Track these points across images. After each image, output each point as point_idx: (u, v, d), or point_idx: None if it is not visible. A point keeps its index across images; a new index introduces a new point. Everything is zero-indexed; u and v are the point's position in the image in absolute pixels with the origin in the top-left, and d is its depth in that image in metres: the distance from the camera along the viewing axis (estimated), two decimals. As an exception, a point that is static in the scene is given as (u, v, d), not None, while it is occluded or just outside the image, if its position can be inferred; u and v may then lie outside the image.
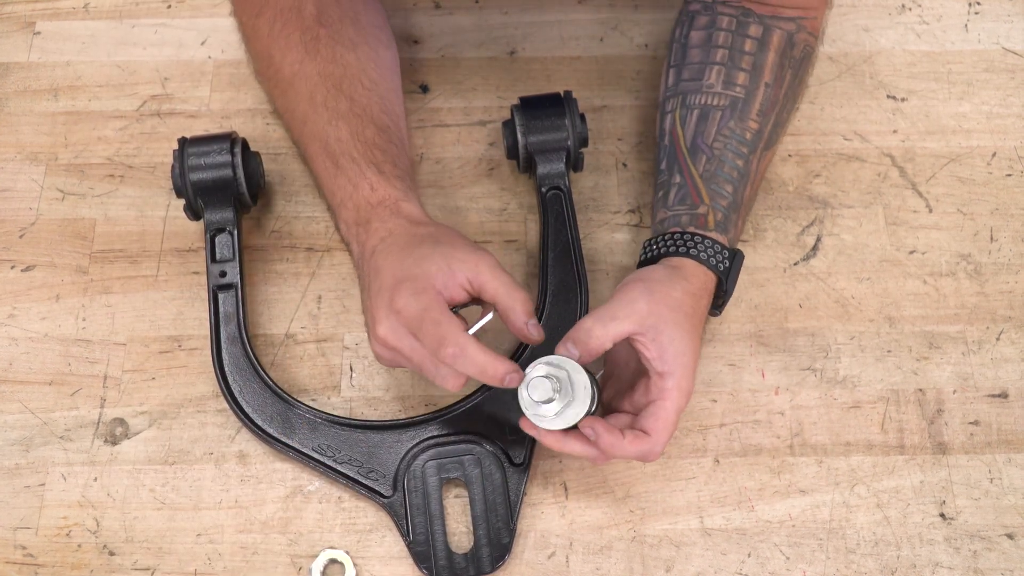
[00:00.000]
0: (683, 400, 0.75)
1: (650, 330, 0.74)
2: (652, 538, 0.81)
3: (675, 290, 0.77)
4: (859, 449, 0.84)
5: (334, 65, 0.85)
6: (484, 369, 0.72)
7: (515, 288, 0.75)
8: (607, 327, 0.74)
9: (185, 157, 0.86)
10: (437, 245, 0.76)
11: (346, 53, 0.86)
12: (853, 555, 0.80)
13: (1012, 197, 0.95)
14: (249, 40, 0.90)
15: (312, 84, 0.85)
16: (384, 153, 0.83)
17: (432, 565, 0.79)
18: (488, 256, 0.76)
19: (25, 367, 0.87)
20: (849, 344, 0.88)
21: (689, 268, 0.79)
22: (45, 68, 1.02)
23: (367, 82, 0.86)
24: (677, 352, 0.74)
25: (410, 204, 0.81)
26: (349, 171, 0.82)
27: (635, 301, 0.75)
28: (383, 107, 0.86)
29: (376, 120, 0.85)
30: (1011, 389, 0.87)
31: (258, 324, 0.89)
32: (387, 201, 0.81)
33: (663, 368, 0.74)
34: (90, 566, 0.80)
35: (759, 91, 0.84)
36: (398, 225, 0.79)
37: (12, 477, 0.83)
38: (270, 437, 0.82)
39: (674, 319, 0.75)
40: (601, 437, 0.73)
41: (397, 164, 0.83)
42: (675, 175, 0.84)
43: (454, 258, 0.75)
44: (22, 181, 0.96)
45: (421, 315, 0.72)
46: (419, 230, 0.78)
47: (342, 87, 0.85)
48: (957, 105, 1.00)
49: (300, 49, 0.86)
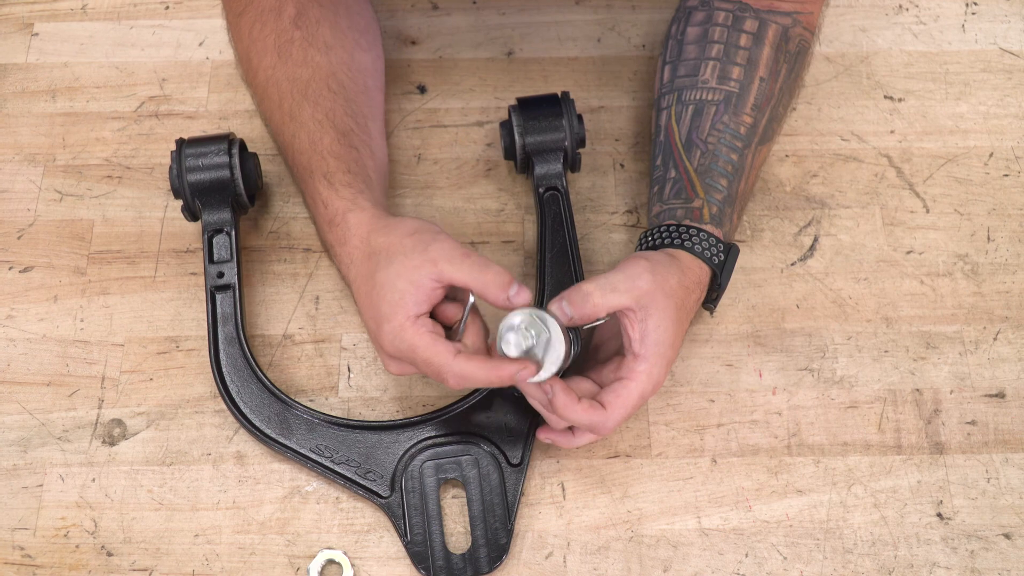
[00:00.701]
0: (650, 387, 0.75)
1: (641, 310, 0.74)
2: (650, 538, 0.81)
3: (672, 278, 0.77)
4: (856, 449, 0.84)
5: (303, 68, 0.85)
6: (490, 381, 0.72)
7: (482, 269, 0.73)
8: (606, 296, 0.74)
9: (183, 158, 0.86)
10: (391, 263, 0.75)
11: (317, 55, 0.85)
12: (850, 555, 0.80)
13: (1009, 197, 0.96)
14: (233, 42, 0.90)
15: (282, 91, 0.85)
16: (338, 160, 0.82)
17: (430, 565, 0.79)
18: (443, 247, 0.74)
19: (23, 368, 0.88)
20: (846, 344, 0.88)
21: (685, 260, 0.79)
22: (43, 69, 1.02)
23: (334, 85, 0.85)
24: (658, 340, 0.75)
25: (357, 212, 0.80)
26: (309, 188, 0.83)
27: (638, 277, 0.75)
28: (348, 109, 0.85)
29: (337, 124, 0.84)
30: (1008, 389, 0.87)
31: (256, 325, 0.89)
32: (336, 218, 0.80)
33: (640, 351, 0.75)
34: (88, 566, 0.80)
35: (754, 85, 0.84)
36: (354, 249, 0.79)
37: (10, 478, 0.83)
38: (268, 438, 0.82)
39: (665, 306, 0.75)
40: (557, 396, 0.73)
41: (350, 170, 0.82)
42: (670, 170, 0.84)
43: (411, 269, 0.74)
44: (20, 182, 0.96)
45: (411, 355, 0.73)
46: (373, 246, 0.77)
47: (307, 92, 0.84)
48: (954, 105, 1.00)
49: (274, 54, 0.85)
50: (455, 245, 0.74)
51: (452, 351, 0.73)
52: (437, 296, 0.74)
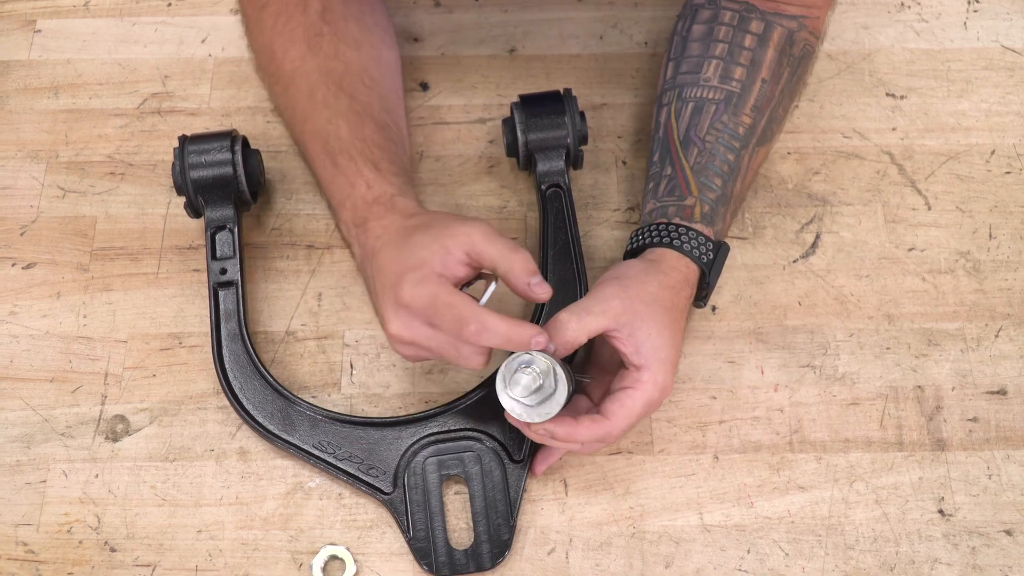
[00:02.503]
0: (656, 393, 0.75)
1: (625, 326, 0.75)
2: (652, 534, 0.81)
3: (650, 285, 0.77)
4: (858, 446, 0.84)
5: (336, 62, 0.85)
6: (509, 337, 0.71)
7: (512, 250, 0.73)
8: (582, 321, 0.74)
9: (185, 155, 0.86)
10: (429, 229, 0.76)
11: (348, 51, 0.86)
12: (852, 551, 0.80)
13: (1011, 195, 0.96)
14: (252, 33, 0.90)
15: (313, 81, 0.85)
16: (382, 150, 0.83)
17: (432, 561, 0.79)
18: (480, 224, 0.75)
19: (26, 364, 0.88)
20: (848, 341, 0.89)
21: (669, 261, 0.79)
22: (46, 66, 1.02)
23: (368, 80, 0.86)
24: (654, 347, 0.75)
25: (405, 199, 0.81)
26: (347, 170, 0.83)
27: (609, 299, 0.75)
28: (383, 105, 0.86)
29: (376, 118, 0.85)
30: (1010, 386, 0.87)
31: (258, 321, 0.90)
32: (382, 198, 0.81)
33: (639, 361, 0.75)
34: (91, 562, 0.80)
35: (755, 87, 0.84)
36: (392, 222, 0.79)
37: (13, 474, 0.83)
38: (271, 434, 0.83)
39: (650, 314, 0.75)
40: (555, 433, 0.74)
41: (394, 161, 0.84)
42: (666, 167, 0.84)
43: (447, 236, 0.74)
44: (23, 179, 0.96)
45: (432, 302, 0.72)
46: (411, 221, 0.78)
47: (343, 85, 0.85)
48: (956, 103, 1.00)
49: (302, 45, 0.86)
50: (491, 227, 0.75)
51: (475, 301, 0.72)
52: (463, 273, 0.74)
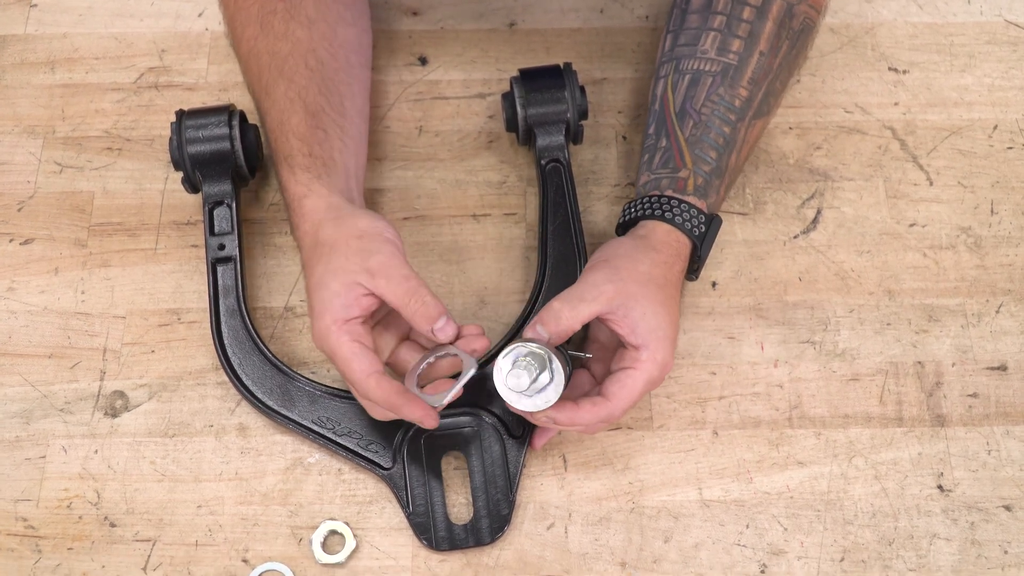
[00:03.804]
0: (656, 371, 0.75)
1: (619, 308, 0.75)
2: (651, 509, 0.81)
3: (642, 264, 0.77)
4: (857, 421, 0.84)
5: (283, 42, 0.84)
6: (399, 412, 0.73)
7: (413, 294, 0.72)
8: (575, 309, 0.74)
9: (183, 130, 0.86)
10: (330, 261, 0.74)
11: (299, 30, 0.84)
12: (851, 526, 0.81)
13: (1013, 170, 0.95)
14: (221, 8, 0.89)
15: (262, 63, 0.84)
16: (302, 141, 0.81)
17: (432, 536, 0.79)
18: (384, 259, 0.73)
19: (24, 340, 0.88)
20: (848, 317, 0.88)
21: (659, 235, 0.79)
22: (42, 40, 1.01)
23: (312, 61, 0.84)
24: (650, 326, 0.75)
25: (312, 199, 0.79)
26: (276, 169, 0.83)
27: (601, 284, 0.75)
28: (323, 88, 0.83)
29: (308, 104, 0.82)
30: (1010, 362, 0.87)
31: (257, 297, 0.89)
32: (293, 203, 0.80)
33: (637, 341, 0.75)
34: (91, 537, 0.80)
35: (752, 59, 0.84)
36: (304, 235, 0.78)
37: (13, 449, 0.83)
38: (270, 410, 0.83)
39: (644, 293, 0.75)
40: (557, 419, 0.74)
41: (312, 152, 0.81)
42: (662, 139, 0.84)
43: (346, 271, 0.73)
44: (20, 154, 0.96)
45: (332, 356, 0.73)
46: (319, 240, 0.76)
47: (284, 68, 0.83)
48: (959, 77, 1.00)
49: (256, 24, 0.84)
50: (398, 262, 0.73)
51: (368, 370, 0.72)
52: (370, 304, 0.73)
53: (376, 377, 0.72)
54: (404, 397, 0.72)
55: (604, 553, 0.80)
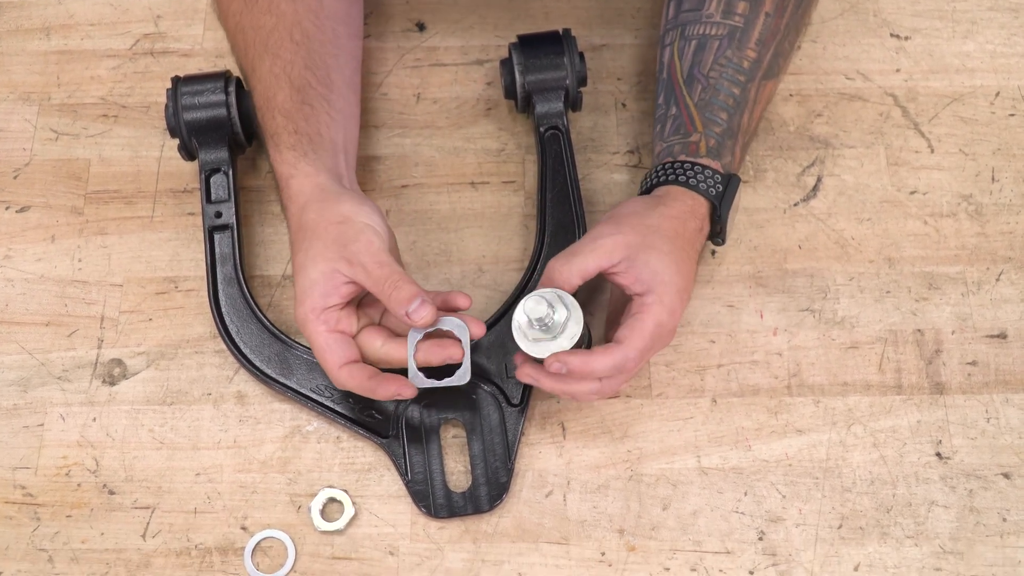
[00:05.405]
0: (664, 315, 0.74)
1: (622, 261, 0.75)
2: (649, 477, 0.81)
3: (650, 218, 0.77)
4: (856, 389, 0.84)
5: (268, 16, 0.82)
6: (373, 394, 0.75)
7: (388, 281, 0.73)
8: (569, 263, 0.74)
9: (179, 96, 0.85)
10: (311, 247, 0.75)
11: (283, 2, 0.83)
12: (849, 494, 0.81)
13: (1015, 137, 0.94)
14: None
15: (248, 39, 0.83)
16: (287, 118, 0.80)
17: (430, 503, 0.79)
18: (363, 247, 0.74)
19: (22, 308, 0.87)
20: (848, 285, 0.88)
21: (673, 193, 0.79)
22: (37, 7, 1.00)
23: (298, 35, 0.82)
24: (653, 272, 0.74)
25: (299, 179, 0.78)
26: (266, 148, 0.82)
27: (598, 238, 0.75)
28: (308, 62, 0.82)
29: (294, 79, 0.81)
30: (1010, 330, 0.87)
31: (255, 265, 0.89)
32: (280, 183, 0.80)
33: (641, 288, 0.75)
34: (90, 505, 0.80)
35: (759, 20, 0.83)
36: (291, 217, 0.78)
37: (11, 417, 0.83)
38: (268, 378, 0.82)
39: (648, 243, 0.75)
40: (570, 364, 0.73)
41: (299, 129, 0.80)
42: (671, 107, 0.83)
43: (326, 258, 0.74)
44: (15, 121, 0.95)
45: (311, 341, 0.75)
46: (302, 223, 0.77)
47: (268, 43, 0.82)
48: (961, 44, 0.99)
49: None
50: (377, 249, 0.74)
51: (339, 361, 0.74)
52: (349, 291, 0.74)
53: (348, 368, 0.74)
54: (375, 380, 0.74)
55: (602, 520, 0.80)
